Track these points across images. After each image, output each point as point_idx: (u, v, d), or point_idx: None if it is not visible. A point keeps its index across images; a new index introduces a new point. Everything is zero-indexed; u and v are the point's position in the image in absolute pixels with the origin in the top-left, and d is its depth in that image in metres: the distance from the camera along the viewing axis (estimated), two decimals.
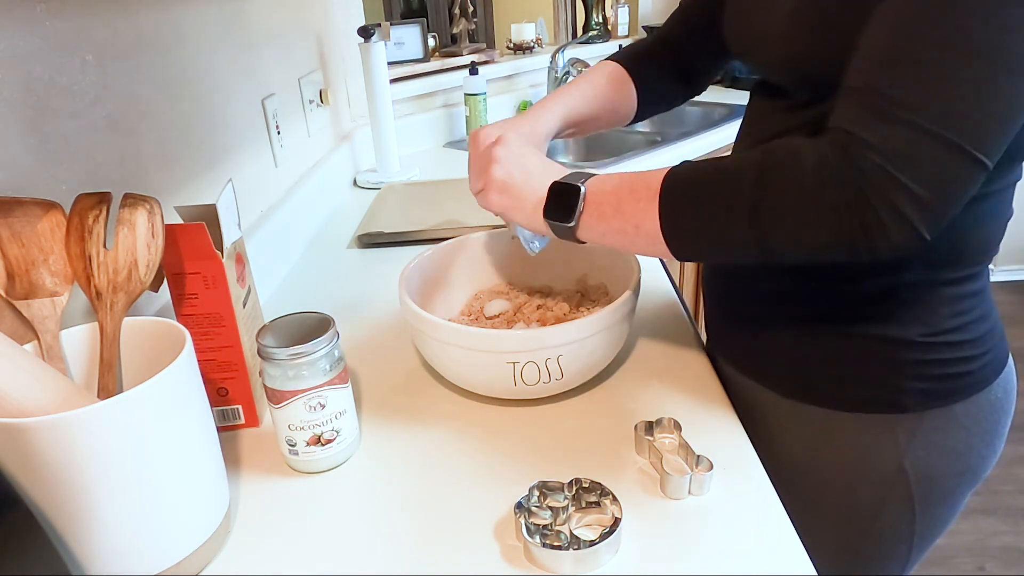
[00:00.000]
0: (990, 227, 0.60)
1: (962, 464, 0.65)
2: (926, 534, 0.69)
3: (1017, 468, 1.93)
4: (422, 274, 0.77)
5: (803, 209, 0.48)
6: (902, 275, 0.59)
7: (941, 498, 0.67)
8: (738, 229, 0.50)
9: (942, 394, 0.62)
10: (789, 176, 0.48)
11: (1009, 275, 2.95)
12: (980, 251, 0.60)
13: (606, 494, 0.53)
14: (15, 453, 0.42)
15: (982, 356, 0.62)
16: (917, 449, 0.63)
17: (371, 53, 1.38)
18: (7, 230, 0.50)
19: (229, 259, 0.61)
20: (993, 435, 0.66)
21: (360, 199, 1.39)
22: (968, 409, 0.63)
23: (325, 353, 0.57)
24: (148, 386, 0.44)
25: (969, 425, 0.63)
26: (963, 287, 0.61)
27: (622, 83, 0.81)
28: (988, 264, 0.62)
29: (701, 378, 0.71)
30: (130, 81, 0.71)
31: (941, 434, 0.63)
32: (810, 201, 0.47)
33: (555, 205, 0.60)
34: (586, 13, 2.42)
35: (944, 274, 0.60)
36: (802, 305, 0.64)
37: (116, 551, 0.46)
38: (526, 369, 0.63)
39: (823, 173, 0.47)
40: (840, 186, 0.46)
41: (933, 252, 0.57)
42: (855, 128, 0.46)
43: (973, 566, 1.65)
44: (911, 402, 0.62)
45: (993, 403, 0.64)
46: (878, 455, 0.64)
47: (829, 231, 0.47)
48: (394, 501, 0.57)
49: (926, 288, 0.60)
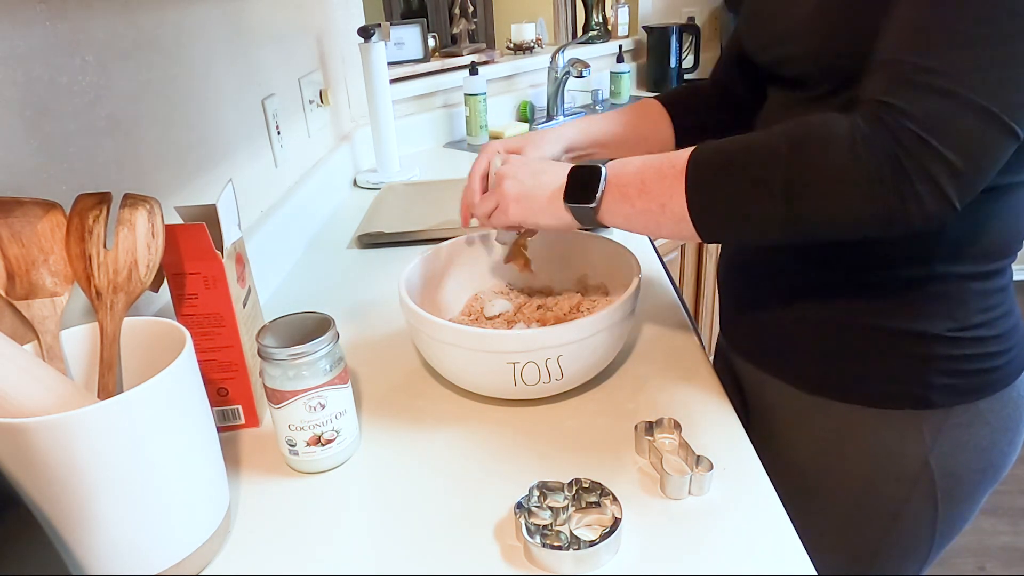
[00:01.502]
0: (1015, 220, 0.59)
1: (985, 461, 0.65)
2: (946, 532, 0.69)
3: (1017, 468, 1.93)
4: (422, 274, 0.77)
5: (838, 180, 0.47)
6: (930, 268, 0.58)
7: (964, 496, 0.67)
8: (770, 204, 0.50)
9: (968, 390, 0.62)
10: (823, 148, 0.47)
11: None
12: (1005, 245, 0.60)
13: (606, 494, 0.53)
14: (15, 453, 0.42)
15: (1007, 352, 0.62)
16: (942, 445, 0.63)
17: (371, 53, 1.38)
18: (7, 230, 0.50)
19: (229, 259, 0.61)
20: (1016, 432, 0.65)
21: (360, 199, 1.39)
22: (993, 406, 0.62)
23: (325, 353, 0.57)
24: (148, 386, 0.44)
25: (993, 422, 0.63)
26: (990, 282, 0.60)
27: (653, 114, 0.82)
28: (1013, 260, 0.62)
29: (701, 378, 0.71)
30: (130, 81, 0.71)
31: (966, 431, 0.63)
32: (845, 172, 0.47)
33: (575, 189, 0.60)
34: (586, 13, 2.42)
35: (971, 267, 0.59)
36: (826, 299, 0.63)
37: (116, 551, 0.46)
38: (526, 369, 0.63)
39: (857, 144, 0.46)
40: (875, 156, 0.46)
41: (959, 244, 0.58)
42: (888, 97, 0.46)
43: (973, 566, 1.65)
44: (937, 398, 0.61)
45: (1016, 400, 0.64)
46: (903, 452, 0.64)
47: (865, 201, 0.47)
48: (394, 501, 0.57)
49: (954, 281, 0.59)
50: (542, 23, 2.49)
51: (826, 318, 0.64)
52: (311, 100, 1.30)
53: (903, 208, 0.46)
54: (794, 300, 0.66)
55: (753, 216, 0.51)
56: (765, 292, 0.69)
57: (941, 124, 0.45)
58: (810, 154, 0.48)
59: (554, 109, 1.97)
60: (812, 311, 0.65)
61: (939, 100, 0.45)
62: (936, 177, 0.45)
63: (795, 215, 0.49)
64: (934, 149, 0.44)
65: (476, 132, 1.77)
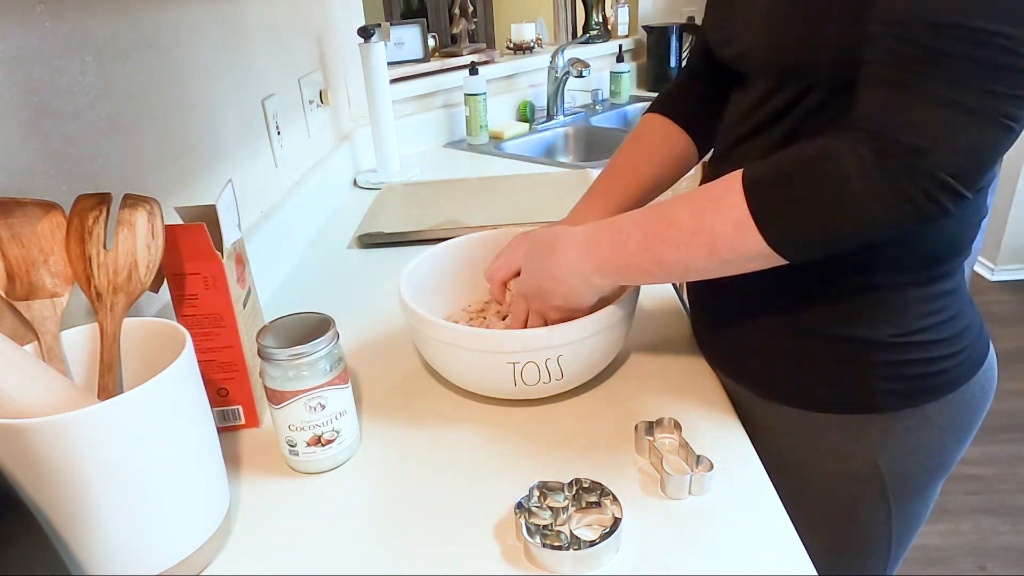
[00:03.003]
0: (959, 228, 0.59)
1: (935, 461, 0.66)
2: (903, 530, 0.70)
3: (1017, 468, 1.93)
4: (422, 275, 0.77)
5: (853, 213, 0.48)
6: (870, 277, 0.59)
7: (915, 494, 0.67)
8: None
9: (915, 394, 0.62)
10: (833, 186, 0.48)
11: (1009, 275, 2.95)
12: (950, 252, 0.60)
13: (606, 494, 0.53)
14: (15, 454, 0.42)
15: (956, 355, 0.62)
16: (891, 449, 0.63)
17: (371, 53, 1.38)
18: (7, 231, 0.50)
19: (229, 260, 0.61)
20: (967, 432, 0.66)
21: (360, 199, 1.39)
22: (942, 409, 0.62)
23: (325, 354, 0.57)
24: (148, 387, 0.44)
25: (943, 424, 0.63)
26: (933, 287, 0.60)
27: (666, 136, 0.79)
28: (960, 263, 0.62)
29: (701, 378, 0.71)
30: (130, 82, 0.71)
31: (914, 434, 0.63)
32: (860, 203, 0.48)
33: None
34: (586, 13, 2.42)
35: (912, 276, 0.59)
36: (776, 307, 0.64)
37: (116, 551, 0.46)
38: (526, 369, 0.63)
39: (866, 178, 0.47)
40: (886, 184, 0.47)
41: (900, 255, 0.58)
42: (884, 114, 0.47)
43: (974, 566, 1.65)
44: (883, 402, 0.62)
45: (969, 402, 0.64)
46: (853, 455, 0.64)
47: (886, 219, 0.48)
48: (394, 501, 0.57)
49: (894, 289, 0.59)
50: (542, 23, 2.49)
51: (774, 325, 0.65)
52: (311, 100, 1.30)
53: (921, 214, 0.47)
54: (747, 307, 0.66)
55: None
56: (722, 299, 0.70)
57: (940, 132, 0.45)
58: (821, 190, 0.49)
59: (554, 109, 1.97)
60: (761, 318, 0.65)
61: (934, 107, 0.45)
62: (944, 180, 0.46)
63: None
64: (936, 159, 0.45)
65: (476, 132, 1.77)
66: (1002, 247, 2.90)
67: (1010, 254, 2.92)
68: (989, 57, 0.44)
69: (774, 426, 0.67)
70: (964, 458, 1.96)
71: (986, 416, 0.67)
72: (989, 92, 0.44)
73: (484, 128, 1.78)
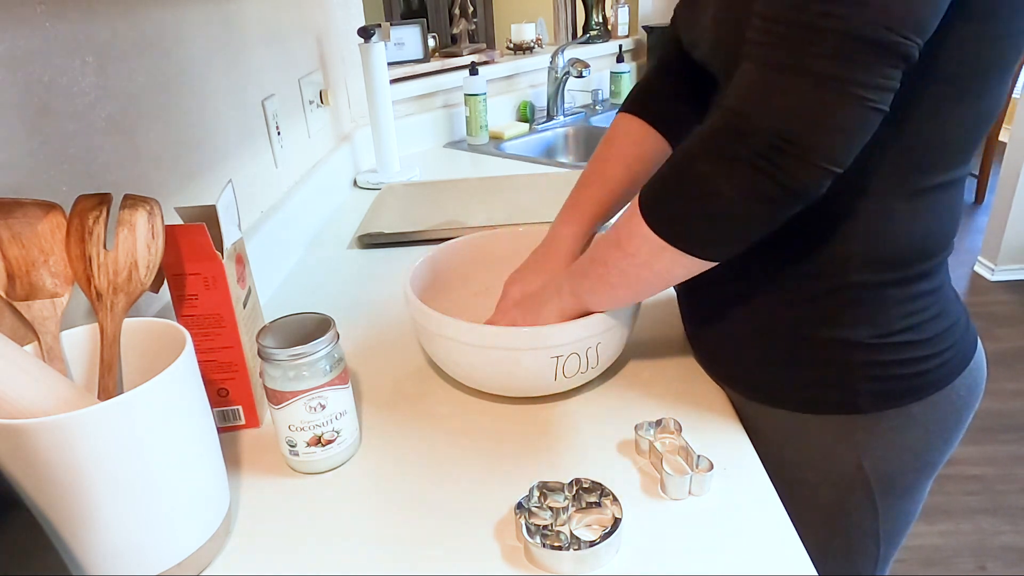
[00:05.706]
0: (935, 225, 0.58)
1: (920, 461, 0.65)
2: (891, 529, 0.70)
3: (1017, 468, 1.93)
4: (425, 275, 0.77)
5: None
6: (846, 276, 0.59)
7: (901, 494, 0.67)
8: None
9: (898, 394, 0.61)
10: (697, 187, 0.51)
11: (1009, 275, 2.95)
12: (925, 250, 0.59)
13: (606, 494, 0.53)
14: (15, 454, 0.42)
15: (940, 355, 0.61)
16: (875, 449, 0.63)
17: (371, 53, 1.38)
18: (7, 231, 0.50)
19: (229, 260, 0.61)
20: (953, 431, 0.65)
21: (360, 199, 1.39)
22: (927, 409, 0.62)
23: (325, 354, 0.57)
24: (148, 387, 0.44)
25: (928, 424, 0.63)
26: (913, 287, 0.59)
27: (638, 139, 0.77)
28: (942, 261, 0.61)
29: (701, 378, 0.71)
30: (130, 82, 0.71)
31: (899, 434, 0.63)
32: (729, 200, 0.50)
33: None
34: (586, 13, 2.42)
35: (890, 275, 0.58)
36: (759, 309, 0.64)
37: (116, 552, 0.46)
38: (568, 361, 0.64)
39: (719, 165, 0.49)
40: (736, 157, 0.48)
41: (871, 252, 0.58)
42: (739, 94, 0.49)
43: (974, 566, 1.65)
44: (865, 403, 0.61)
45: (954, 402, 0.63)
46: (838, 455, 0.64)
47: (748, 196, 0.49)
48: (394, 501, 0.58)
49: (871, 289, 0.59)
50: (542, 23, 2.49)
51: (758, 327, 0.65)
52: (311, 100, 1.30)
53: (778, 187, 0.48)
54: (731, 309, 0.66)
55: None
56: (708, 301, 0.70)
57: (789, 104, 0.46)
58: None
59: (554, 109, 1.97)
60: (745, 321, 0.65)
61: (784, 77, 0.46)
62: (790, 151, 0.47)
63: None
64: (781, 129, 0.47)
65: (476, 132, 1.78)
66: (1002, 247, 2.90)
67: (1010, 254, 2.92)
68: (812, 22, 0.45)
69: (763, 427, 0.67)
70: (964, 458, 1.97)
71: (986, 416, 0.67)
72: (816, 56, 0.45)
73: (484, 128, 1.78)
